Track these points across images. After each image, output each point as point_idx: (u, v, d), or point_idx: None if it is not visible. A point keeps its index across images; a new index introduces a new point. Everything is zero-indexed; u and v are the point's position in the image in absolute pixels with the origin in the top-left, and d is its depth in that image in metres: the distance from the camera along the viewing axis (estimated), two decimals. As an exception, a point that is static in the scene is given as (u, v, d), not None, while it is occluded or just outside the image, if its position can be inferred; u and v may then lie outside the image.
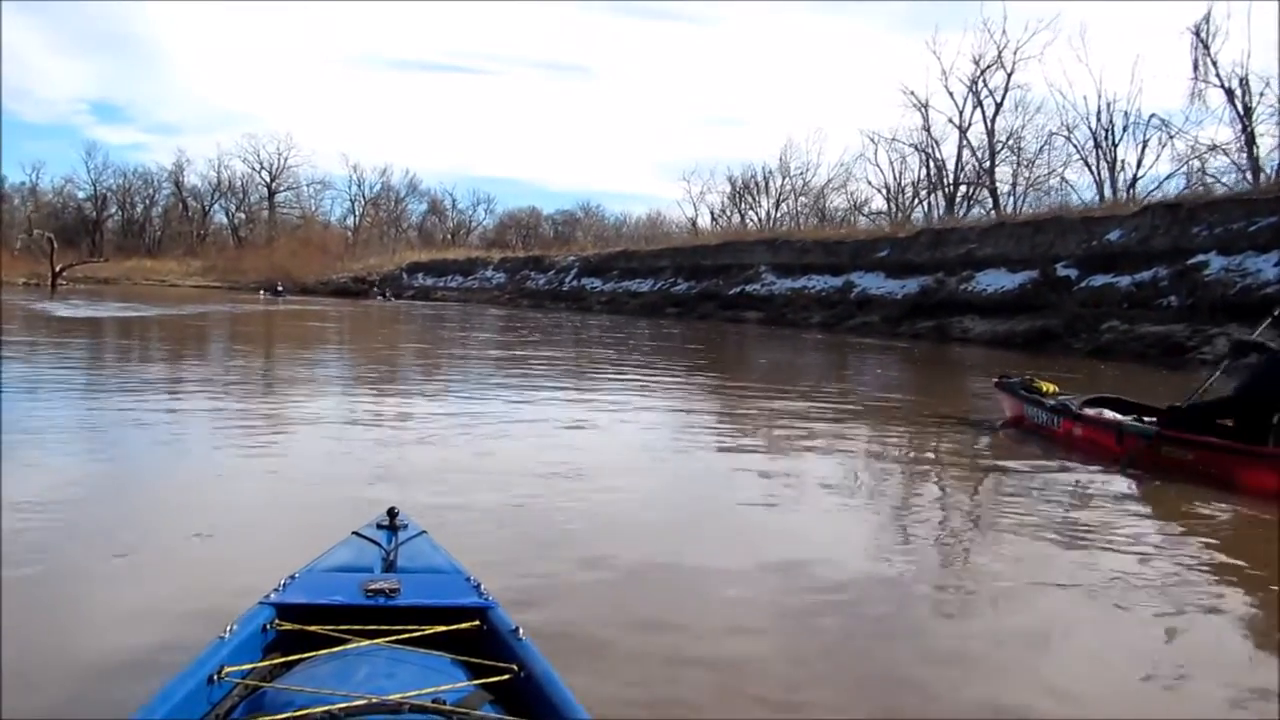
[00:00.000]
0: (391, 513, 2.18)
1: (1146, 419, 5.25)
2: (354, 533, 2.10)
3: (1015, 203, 34.30)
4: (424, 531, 2.14)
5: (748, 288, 30.64)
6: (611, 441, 5.79)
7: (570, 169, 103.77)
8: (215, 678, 1.40)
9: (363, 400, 7.56)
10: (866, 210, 41.75)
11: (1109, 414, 5.46)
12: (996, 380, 6.99)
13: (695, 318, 30.46)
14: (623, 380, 9.99)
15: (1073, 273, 19.33)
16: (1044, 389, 6.19)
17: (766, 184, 47.17)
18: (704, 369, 12.69)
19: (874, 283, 26.16)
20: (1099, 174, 30.98)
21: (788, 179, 46.04)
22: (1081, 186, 32.27)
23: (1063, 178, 33.38)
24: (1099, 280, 18.37)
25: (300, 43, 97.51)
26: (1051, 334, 17.33)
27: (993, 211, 32.33)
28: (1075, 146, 32.17)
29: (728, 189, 49.16)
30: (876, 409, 8.10)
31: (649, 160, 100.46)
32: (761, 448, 5.89)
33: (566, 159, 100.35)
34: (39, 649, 2.20)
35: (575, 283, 41.43)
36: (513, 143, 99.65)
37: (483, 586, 1.78)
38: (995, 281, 21.12)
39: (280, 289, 46.78)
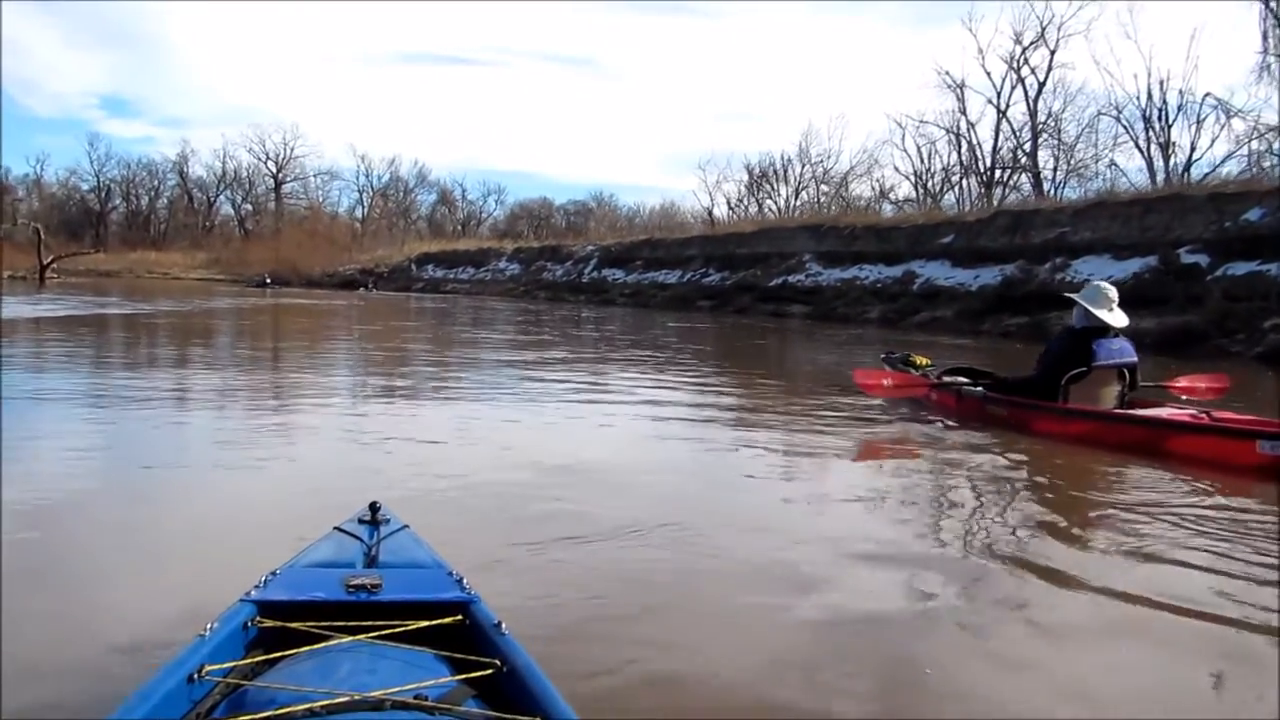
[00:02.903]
0: (374, 507, 2.10)
1: (983, 384, 6.28)
2: (336, 528, 2.03)
3: (1056, 189, 31.71)
4: (406, 526, 2.07)
5: (790, 278, 27.50)
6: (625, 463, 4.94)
7: (579, 162, 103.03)
8: (195, 676, 1.35)
9: (344, 403, 6.91)
10: (893, 197, 39.47)
11: (962, 382, 6.47)
12: (883, 356, 7.93)
13: (731, 311, 27.46)
14: (658, 395, 7.35)
15: (1202, 259, 16.13)
16: (919, 363, 7.24)
17: (785, 172, 44.57)
18: (749, 375, 9.84)
19: (940, 272, 22.99)
20: (1150, 156, 28.11)
21: (808, 166, 43.39)
22: (1131, 171, 29.43)
23: (1112, 161, 30.43)
24: (1240, 268, 15.18)
25: (309, 36, 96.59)
26: (1195, 333, 14.15)
27: (1032, 197, 29.71)
28: (1125, 127, 29.21)
29: (745, 178, 46.53)
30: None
31: (658, 153, 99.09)
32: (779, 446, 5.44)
33: (575, 152, 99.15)
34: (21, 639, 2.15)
35: (596, 274, 38.37)
36: (521, 135, 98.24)
37: (465, 580, 1.72)
38: (1099, 270, 17.86)
39: (269, 281, 45.48)
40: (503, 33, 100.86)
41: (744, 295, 28.43)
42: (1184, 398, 6.11)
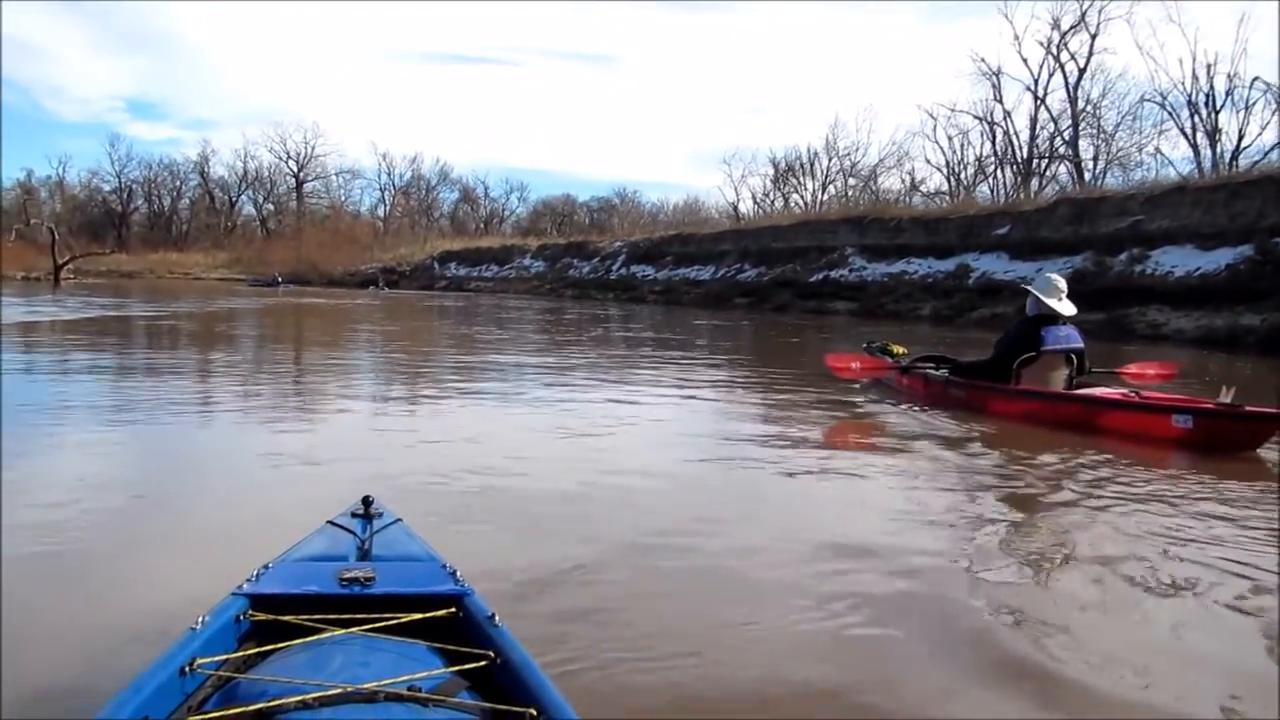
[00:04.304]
0: (366, 501, 2.07)
1: (945, 368, 6.73)
2: (328, 521, 2.00)
3: (1096, 179, 30.22)
4: (399, 519, 2.04)
5: (833, 274, 26.14)
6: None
7: (600, 159, 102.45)
8: (187, 669, 1.34)
9: (343, 405, 6.65)
10: (924, 189, 38.33)
11: (929, 367, 6.94)
12: (864, 345, 8.33)
13: (769, 309, 26.16)
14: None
15: (1304, 248, 14.63)
16: (895, 351, 7.66)
17: (812, 166, 43.37)
18: (774, 377, 8.61)
19: (997, 266, 21.54)
20: (1196, 143, 26.60)
21: (835, 159, 42.17)
22: (1176, 159, 28.39)
23: (1157, 149, 29.01)
24: (1352, 257, 13.69)
25: (329, 36, 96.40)
26: (1307, 331, 12.66)
27: (1075, 187, 28.22)
28: (1170, 113, 27.66)
29: (770, 172, 45.42)
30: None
31: (681, 149, 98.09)
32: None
33: (597, 149, 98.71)
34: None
35: (624, 270, 37.15)
36: (543, 133, 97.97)
37: (459, 573, 1.69)
38: (1184, 261, 16.43)
39: (280, 280, 45.19)
40: (522, 32, 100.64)
41: (783, 291, 27.09)
42: (1132, 382, 6.61)
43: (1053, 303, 5.87)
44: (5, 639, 2.06)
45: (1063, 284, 5.99)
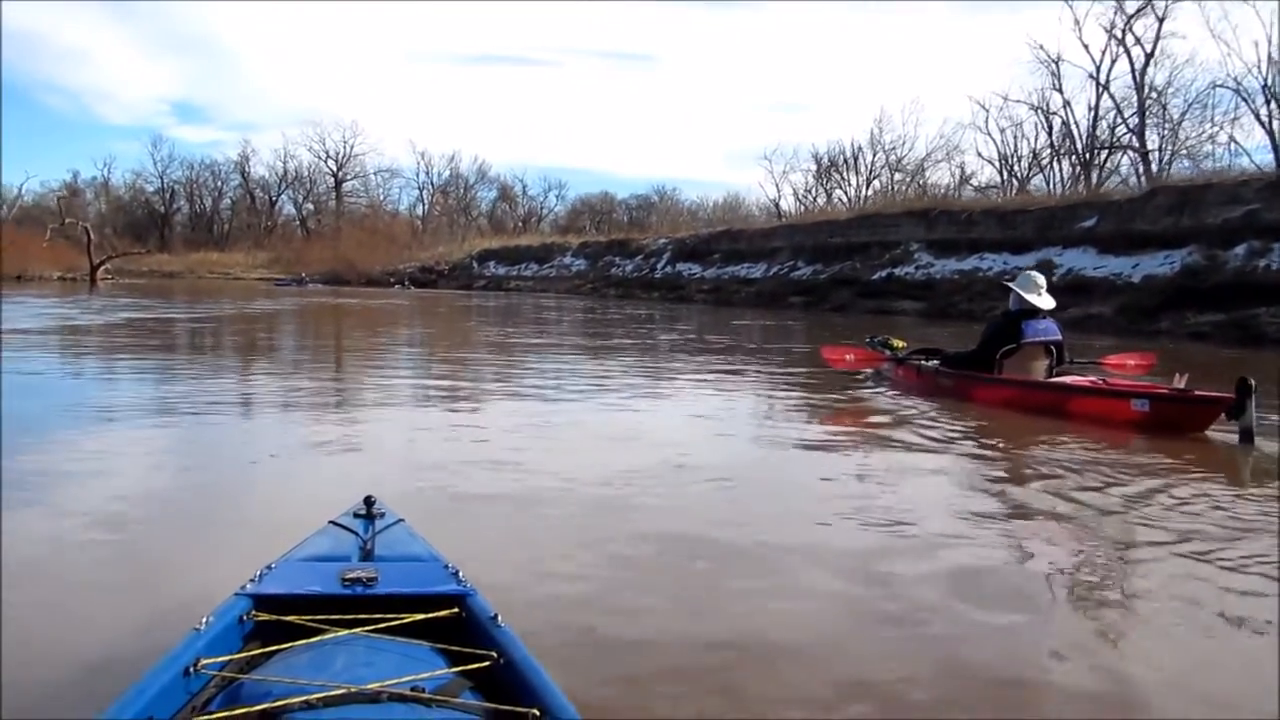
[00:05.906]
0: (369, 501, 2.07)
1: (935, 360, 7.15)
2: (331, 522, 2.00)
3: (1164, 170, 28.02)
4: (401, 519, 2.04)
5: (896, 271, 24.35)
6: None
7: (637, 158, 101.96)
8: (191, 670, 1.35)
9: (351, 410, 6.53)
10: (975, 183, 36.54)
11: (921, 359, 7.33)
12: (867, 340, 8.46)
13: (828, 308, 24.50)
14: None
15: None
16: (895, 344, 7.96)
17: (856, 161, 41.84)
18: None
19: (1085, 261, 19.60)
20: (1272, 130, 24.29)
21: (880, 154, 40.50)
22: (1252, 149, 25.88)
23: (1231, 137, 26.78)
24: None
25: (369, 37, 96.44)
26: None
27: (1142, 178, 26.15)
28: (1244, 99, 25.52)
29: (812, 168, 43.86)
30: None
31: (721, 147, 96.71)
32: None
33: (635, 147, 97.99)
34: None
35: (669, 268, 35.59)
36: (579, 133, 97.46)
37: (461, 573, 1.69)
38: (1319, 255, 14.47)
39: (305, 279, 45.20)
40: (559, 32, 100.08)
41: (842, 290, 25.38)
42: (1112, 370, 7.02)
43: (1032, 298, 6.20)
44: (6, 640, 2.04)
45: (1041, 280, 6.35)
